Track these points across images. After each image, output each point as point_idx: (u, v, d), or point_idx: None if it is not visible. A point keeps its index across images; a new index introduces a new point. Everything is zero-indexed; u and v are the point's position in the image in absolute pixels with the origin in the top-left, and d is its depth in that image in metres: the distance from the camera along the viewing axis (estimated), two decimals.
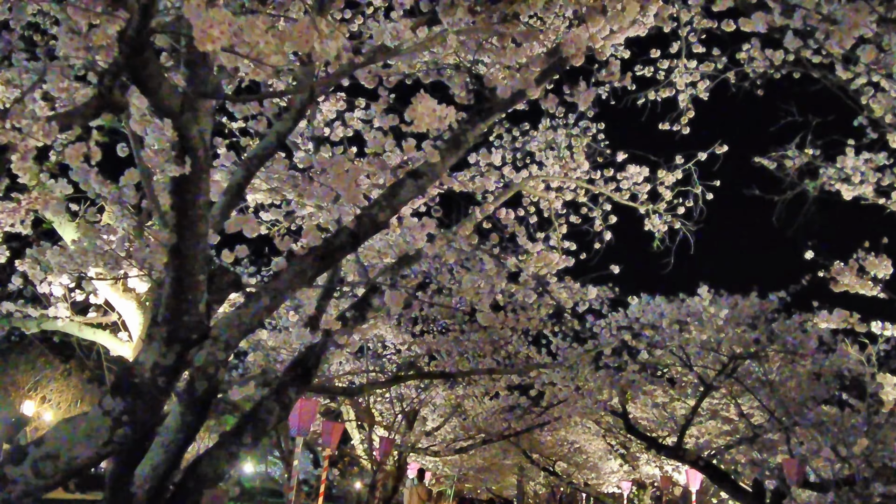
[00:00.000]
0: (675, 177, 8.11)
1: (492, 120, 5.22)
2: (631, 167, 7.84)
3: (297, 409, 7.46)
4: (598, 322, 10.32)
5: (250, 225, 4.24)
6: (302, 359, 5.30)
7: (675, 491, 22.22)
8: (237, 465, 4.97)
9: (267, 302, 4.68)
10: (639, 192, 8.10)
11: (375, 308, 5.59)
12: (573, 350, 10.25)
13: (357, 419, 16.72)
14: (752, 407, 12.35)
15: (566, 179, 7.65)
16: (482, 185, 7.03)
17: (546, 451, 23.00)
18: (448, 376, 11.12)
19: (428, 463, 23.21)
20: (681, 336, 9.74)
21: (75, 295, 5.78)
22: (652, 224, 8.30)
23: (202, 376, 4.46)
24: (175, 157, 2.93)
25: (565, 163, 7.77)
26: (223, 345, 4.49)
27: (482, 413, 18.66)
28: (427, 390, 16.16)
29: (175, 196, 3.11)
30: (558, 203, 8.03)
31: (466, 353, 15.11)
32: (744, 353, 9.95)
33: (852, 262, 6.50)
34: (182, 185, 3.07)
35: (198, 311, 3.46)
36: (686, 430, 11.00)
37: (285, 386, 5.17)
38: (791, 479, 9.85)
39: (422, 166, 4.97)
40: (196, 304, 3.44)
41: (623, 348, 10.39)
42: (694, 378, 10.32)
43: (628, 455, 21.46)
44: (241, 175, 4.56)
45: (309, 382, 5.24)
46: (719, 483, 11.78)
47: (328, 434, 9.89)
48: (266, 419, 5.05)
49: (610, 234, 8.37)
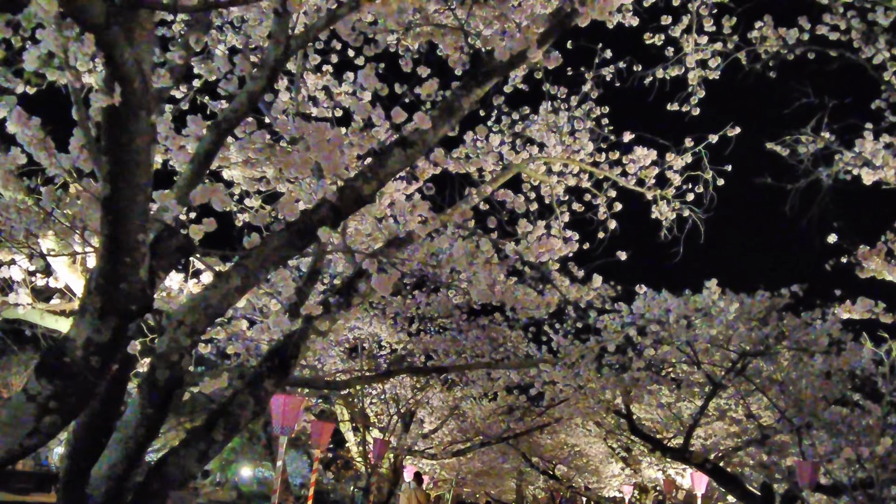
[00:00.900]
0: (685, 161, 7.65)
1: (489, 85, 4.76)
2: (638, 149, 7.37)
3: (280, 406, 7.00)
4: (602, 318, 9.83)
5: (218, 196, 3.77)
6: (279, 348, 4.82)
7: (678, 495, 21.71)
8: (206, 464, 4.48)
9: (238, 282, 4.21)
10: (646, 176, 7.63)
11: (362, 293, 5.13)
12: (575, 347, 9.77)
13: (351, 420, 16.23)
14: (761, 407, 11.88)
15: (569, 161, 7.17)
16: (479, 164, 6.57)
17: (546, 454, 22.49)
18: (441, 371, 10.65)
19: (425, 466, 22.71)
20: (688, 332, 9.26)
21: (36, 279, 5.30)
22: (659, 211, 7.83)
23: (164, 364, 3.99)
24: (104, 82, 2.45)
25: (568, 145, 7.30)
26: (188, 329, 4.02)
27: (480, 415, 18.19)
28: (423, 390, 15.68)
29: (107, 136, 2.63)
30: (560, 188, 7.56)
31: (464, 352, 14.66)
32: (754, 351, 9.47)
33: (880, 244, 6.03)
34: (114, 121, 2.59)
35: (138, 278, 2.98)
36: (693, 431, 10.52)
37: (260, 378, 4.70)
38: (803, 482, 9.37)
39: (411, 134, 4.51)
40: (136, 269, 2.95)
41: (627, 345, 9.90)
42: (702, 376, 9.83)
43: (630, 458, 20.94)
44: (209, 141, 4.09)
45: (287, 374, 4.76)
46: (727, 486, 11.30)
47: (318, 434, 9.42)
48: (239, 414, 4.57)
49: (615, 223, 7.89)
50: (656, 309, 9.67)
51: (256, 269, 4.25)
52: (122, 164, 2.68)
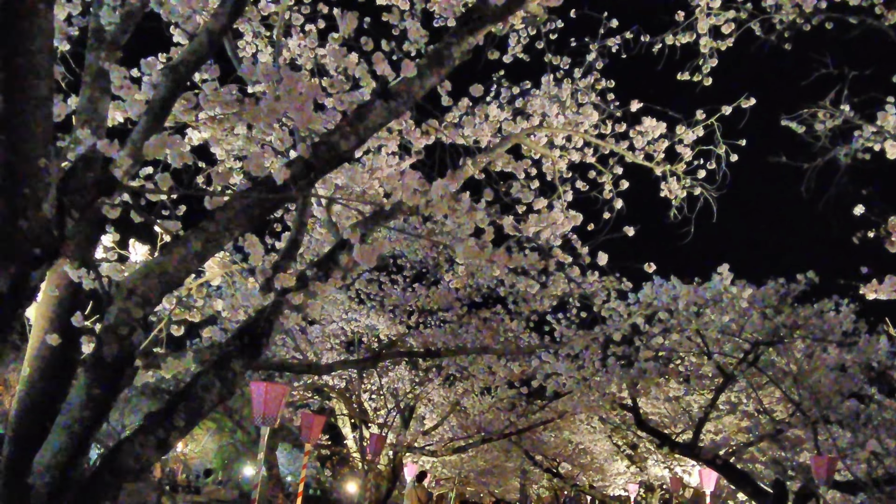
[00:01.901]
0: (696, 134, 7.15)
1: (481, 33, 4.28)
2: (647, 120, 6.88)
3: (261, 394, 6.52)
4: (609, 304, 9.32)
5: (177, 147, 3.30)
6: (250, 325, 4.35)
7: (685, 493, 21.17)
8: (166, 452, 4.00)
9: (198, 247, 3.75)
10: (655, 150, 7.14)
11: (343, 266, 4.66)
12: (578, 337, 9.28)
13: (350, 416, 15.76)
14: (773, 401, 11.38)
15: (573, 132, 6.68)
16: (475, 133, 6.09)
17: (549, 451, 21.99)
18: (433, 356, 10.17)
19: (426, 464, 22.24)
20: (699, 320, 8.77)
21: None
22: (669, 189, 7.34)
23: (112, 338, 3.52)
24: None
25: (570, 118, 6.82)
26: (140, 300, 3.56)
27: (482, 411, 17.71)
28: (422, 385, 15.21)
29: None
30: (563, 163, 7.06)
31: (465, 345, 14.19)
32: (767, 340, 8.97)
33: None
34: (6, 16, 2.12)
35: (42, 216, 2.50)
36: (703, 426, 10.03)
37: (228, 358, 4.22)
38: (820, 478, 8.88)
39: (395, 84, 4.04)
40: (38, 204, 2.48)
41: (634, 334, 9.41)
42: (712, 367, 9.33)
43: (636, 455, 20.40)
44: (165, 88, 3.62)
45: (259, 354, 4.29)
46: (737, 483, 10.80)
47: (308, 427, 8.97)
48: (203, 397, 4.10)
49: (621, 202, 7.39)
50: (665, 296, 9.19)
51: (219, 233, 3.79)
52: (16, 70, 2.21)
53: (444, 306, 13.96)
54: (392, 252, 13.48)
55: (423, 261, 14.52)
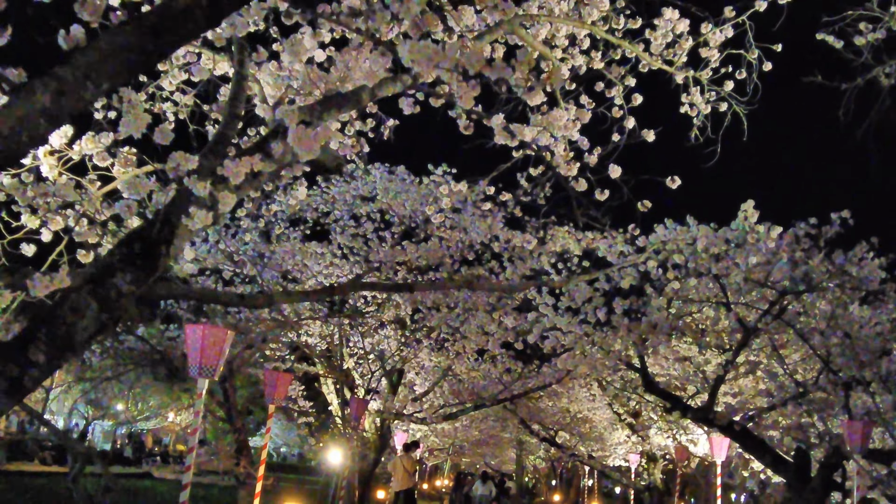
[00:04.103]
0: (725, 35, 5.99)
1: None
2: (667, 11, 5.70)
3: (198, 339, 5.39)
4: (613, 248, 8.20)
5: None
6: (143, 228, 3.20)
7: (691, 465, 20.18)
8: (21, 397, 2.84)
9: (47, 102, 2.61)
10: (675, 54, 5.98)
11: (277, 158, 3.51)
12: (579, 281, 8.16)
13: (328, 377, 14.68)
14: (796, 361, 10.29)
15: (578, 24, 5.49)
16: (456, 17, 4.90)
17: (547, 420, 20.98)
18: (403, 289, 9.09)
19: (417, 432, 21.24)
20: (719, 265, 7.64)
21: None
22: (691, 101, 6.19)
23: None
24: None
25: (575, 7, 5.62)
26: None
27: (475, 376, 16.67)
28: (409, 346, 14.13)
29: None
30: (565, 70, 5.88)
31: (456, 305, 13.11)
32: (796, 289, 7.86)
33: None
34: None
35: None
36: (719, 388, 8.94)
37: (110, 271, 3.07)
38: (854, 444, 7.82)
39: None
40: None
41: (644, 282, 8.29)
42: (731, 321, 8.21)
43: (637, 424, 19.37)
44: None
45: (154, 268, 3.12)
46: (755, 452, 9.74)
47: (272, 386, 7.88)
48: (72, 322, 2.97)
49: (633, 121, 6.23)
50: (680, 240, 8.06)
51: (77, 83, 2.64)
52: None
53: (433, 263, 12.89)
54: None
55: (412, 215, 13.46)
